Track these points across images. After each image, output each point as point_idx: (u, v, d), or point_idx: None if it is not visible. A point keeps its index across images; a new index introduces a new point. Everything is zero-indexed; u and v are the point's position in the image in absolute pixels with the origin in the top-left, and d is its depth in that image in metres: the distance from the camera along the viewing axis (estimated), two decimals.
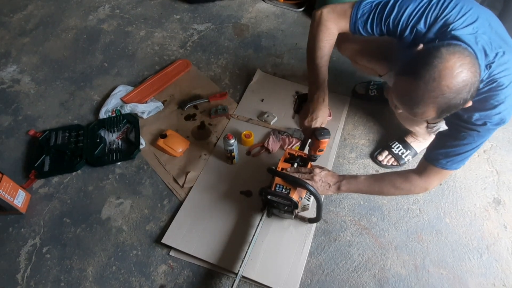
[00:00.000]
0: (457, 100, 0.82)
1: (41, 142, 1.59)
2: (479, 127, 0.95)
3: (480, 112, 0.93)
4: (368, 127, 1.63)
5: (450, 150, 1.01)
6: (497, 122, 0.94)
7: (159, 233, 1.36)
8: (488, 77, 0.91)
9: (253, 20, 2.13)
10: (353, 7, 1.07)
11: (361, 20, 1.06)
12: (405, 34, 1.02)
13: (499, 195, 1.42)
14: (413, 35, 1.01)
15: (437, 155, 1.03)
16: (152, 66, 1.92)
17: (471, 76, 0.81)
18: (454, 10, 0.94)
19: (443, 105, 0.83)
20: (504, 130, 1.60)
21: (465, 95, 0.82)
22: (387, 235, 1.33)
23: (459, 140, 0.99)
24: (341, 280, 1.24)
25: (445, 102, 0.83)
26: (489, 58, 0.90)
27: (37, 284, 1.26)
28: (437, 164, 1.04)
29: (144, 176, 1.51)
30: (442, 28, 0.95)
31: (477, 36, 0.90)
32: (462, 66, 0.80)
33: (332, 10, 1.12)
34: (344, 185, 1.16)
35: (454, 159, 1.01)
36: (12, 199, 1.35)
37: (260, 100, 1.72)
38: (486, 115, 0.93)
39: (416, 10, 0.98)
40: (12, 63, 1.96)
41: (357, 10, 1.06)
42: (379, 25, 1.04)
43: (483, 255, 1.28)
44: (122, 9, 2.23)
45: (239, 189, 1.43)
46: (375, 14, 1.03)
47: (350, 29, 1.10)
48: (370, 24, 1.05)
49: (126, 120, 1.65)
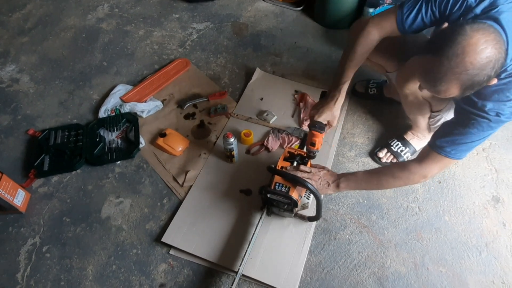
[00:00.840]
0: (480, 76, 0.82)
1: (40, 141, 1.59)
2: (491, 116, 0.95)
3: (494, 102, 0.93)
4: (368, 126, 1.64)
5: (457, 138, 1.00)
6: (509, 115, 0.93)
7: (159, 232, 1.36)
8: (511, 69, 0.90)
9: (252, 19, 2.13)
10: (397, 8, 1.08)
11: (408, 14, 1.05)
12: (455, 9, 0.98)
13: (498, 193, 1.43)
14: (462, 9, 0.97)
15: (442, 142, 1.02)
16: (151, 65, 1.92)
17: (495, 52, 0.81)
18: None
19: (467, 81, 0.83)
20: (503, 128, 1.60)
21: (489, 71, 0.82)
22: (387, 233, 1.34)
23: (468, 127, 0.98)
24: (341, 278, 1.25)
25: (469, 79, 0.83)
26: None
27: (37, 283, 1.26)
28: (441, 152, 1.03)
29: (144, 175, 1.51)
30: (490, 7, 0.92)
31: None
32: (486, 42, 0.80)
33: (377, 15, 1.15)
34: (343, 182, 1.16)
35: (458, 147, 1.01)
36: (11, 198, 1.35)
37: (259, 99, 1.73)
38: (500, 107, 0.93)
39: None
40: (11, 62, 1.96)
41: (402, 8, 1.07)
42: (429, 9, 1.02)
43: (482, 253, 1.29)
44: (121, 8, 2.22)
45: (238, 188, 1.44)
46: (420, 7, 1.03)
47: (398, 27, 1.09)
48: (419, 13, 1.03)
49: (125, 119, 1.65)
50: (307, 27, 2.08)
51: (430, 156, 1.06)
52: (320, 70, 1.85)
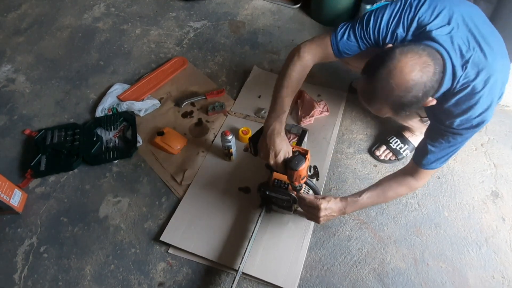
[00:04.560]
0: (408, 98, 0.85)
1: (37, 141, 1.58)
2: (462, 130, 0.97)
3: (460, 117, 0.95)
4: (366, 122, 1.63)
5: (438, 153, 1.04)
6: (478, 123, 0.95)
7: (158, 230, 1.35)
8: (463, 80, 0.92)
9: (249, 17, 2.13)
10: (330, 34, 1.08)
11: (343, 41, 1.06)
12: (387, 41, 1.03)
13: (497, 188, 1.43)
14: (393, 40, 1.02)
15: (427, 160, 1.06)
16: (148, 64, 1.91)
17: (422, 75, 0.83)
18: (428, 11, 0.96)
19: (395, 102, 0.86)
20: (501, 124, 1.60)
21: (417, 93, 0.84)
22: (386, 229, 1.33)
23: (445, 143, 1.01)
24: (341, 275, 1.24)
25: (395, 100, 0.86)
26: (465, 58, 0.91)
27: (35, 284, 1.25)
28: (429, 167, 1.08)
29: (142, 174, 1.50)
30: (419, 29, 0.97)
31: (452, 35, 0.92)
32: (413, 66, 0.82)
33: (310, 41, 1.13)
34: (349, 210, 1.13)
35: (441, 159, 1.05)
36: (8, 198, 1.34)
37: (257, 97, 1.72)
38: (467, 120, 0.94)
39: (393, 15, 1.00)
40: (6, 62, 1.94)
41: (335, 34, 1.07)
42: (361, 38, 1.05)
43: (482, 248, 1.29)
44: (117, 7, 2.21)
45: (237, 186, 1.43)
46: (355, 30, 1.04)
47: (334, 53, 1.09)
48: (354, 41, 1.05)
49: (122, 118, 1.64)
50: (304, 25, 2.07)
51: (421, 173, 1.10)
52: (317, 67, 1.81)
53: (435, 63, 0.86)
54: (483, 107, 0.93)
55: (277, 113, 1.09)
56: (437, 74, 0.86)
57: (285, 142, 1.09)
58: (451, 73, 0.91)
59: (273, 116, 1.10)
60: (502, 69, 0.95)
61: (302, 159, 1.05)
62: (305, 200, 1.12)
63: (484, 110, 0.93)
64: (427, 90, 0.85)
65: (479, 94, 0.92)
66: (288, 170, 1.07)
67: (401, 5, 1.00)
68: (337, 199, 1.12)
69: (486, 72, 0.91)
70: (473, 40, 0.92)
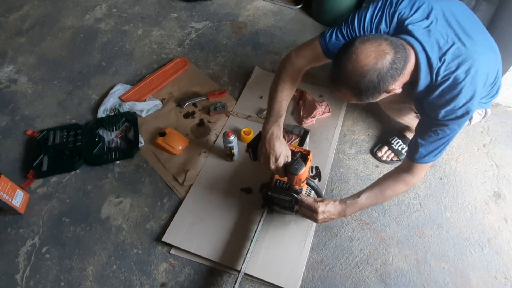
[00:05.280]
0: (364, 82, 0.88)
1: (39, 141, 1.58)
2: (448, 121, 0.98)
3: (444, 108, 0.96)
4: (368, 123, 1.63)
5: (429, 146, 1.05)
6: (462, 114, 0.95)
7: (160, 231, 1.35)
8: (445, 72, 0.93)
9: (251, 17, 2.13)
10: (319, 38, 1.11)
11: (332, 42, 1.08)
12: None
13: (499, 189, 1.42)
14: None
15: (420, 154, 1.06)
16: (150, 65, 1.91)
17: (377, 62, 0.86)
18: (407, 6, 1.00)
19: (354, 87, 0.90)
20: (503, 124, 1.60)
21: (371, 78, 0.87)
22: (389, 230, 1.33)
23: (434, 135, 1.02)
24: (343, 276, 1.24)
25: (353, 86, 0.90)
26: (443, 50, 0.93)
27: (37, 284, 1.25)
28: (422, 162, 1.08)
29: (144, 174, 1.50)
30: (399, 24, 1.00)
31: (430, 29, 0.95)
32: (369, 52, 0.86)
33: (299, 46, 1.17)
34: (349, 212, 1.13)
35: (433, 152, 1.06)
36: (10, 199, 1.34)
37: (259, 97, 1.72)
38: (451, 110, 0.95)
39: (376, 11, 1.03)
40: (8, 63, 1.95)
41: (323, 37, 1.10)
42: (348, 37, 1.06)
43: (484, 249, 1.28)
44: (119, 8, 2.22)
45: (239, 186, 1.43)
46: (342, 30, 1.07)
47: (324, 52, 1.11)
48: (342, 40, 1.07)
49: (124, 119, 1.64)
50: (305, 25, 2.07)
51: (416, 168, 1.10)
52: (319, 67, 1.81)
53: (397, 52, 0.88)
54: (466, 97, 0.94)
55: (275, 117, 1.12)
56: (399, 63, 0.88)
57: (284, 145, 1.11)
58: (426, 65, 0.93)
59: (270, 121, 1.12)
60: (486, 60, 0.96)
61: (301, 163, 1.06)
62: (304, 202, 1.14)
63: (467, 100, 0.94)
64: (383, 76, 0.88)
65: (461, 85, 0.93)
66: (288, 174, 1.08)
67: (383, 2, 1.03)
68: (336, 202, 1.13)
69: (467, 64, 0.92)
70: (453, 33, 0.95)
